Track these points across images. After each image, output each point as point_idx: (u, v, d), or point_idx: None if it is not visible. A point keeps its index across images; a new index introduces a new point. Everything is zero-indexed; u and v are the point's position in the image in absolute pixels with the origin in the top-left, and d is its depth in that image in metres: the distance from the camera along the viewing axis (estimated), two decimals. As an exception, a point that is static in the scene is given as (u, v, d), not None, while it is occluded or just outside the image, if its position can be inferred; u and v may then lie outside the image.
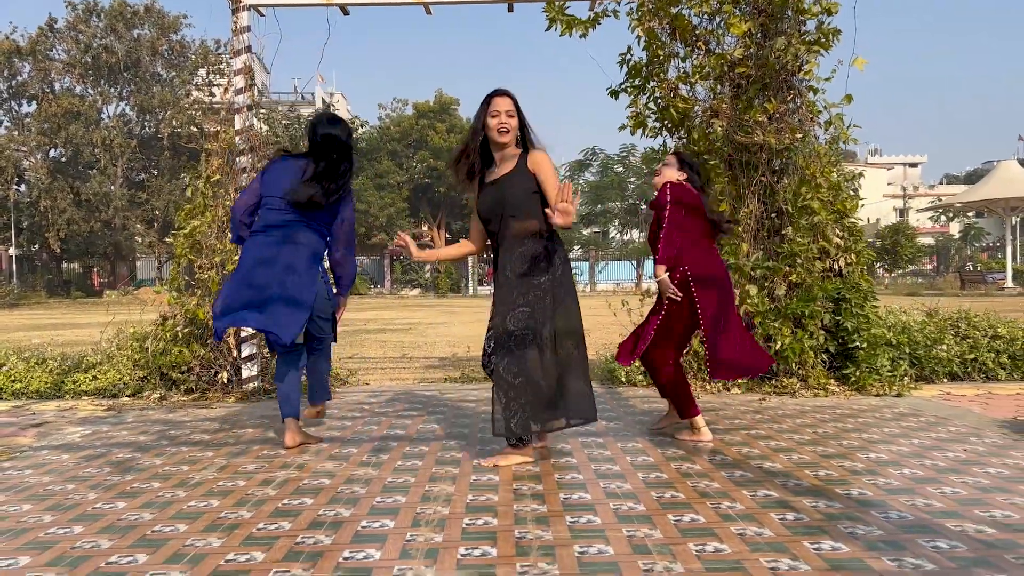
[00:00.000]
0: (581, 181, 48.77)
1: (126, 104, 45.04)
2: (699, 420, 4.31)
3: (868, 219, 55.60)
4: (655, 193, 4.39)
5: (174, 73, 45.23)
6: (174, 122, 43.30)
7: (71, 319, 21.17)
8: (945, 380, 6.52)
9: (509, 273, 3.84)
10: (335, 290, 4.47)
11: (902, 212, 72.95)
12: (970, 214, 56.24)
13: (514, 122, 3.88)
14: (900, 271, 48.91)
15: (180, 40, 44.77)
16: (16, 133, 43.23)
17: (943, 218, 66.25)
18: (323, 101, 55.93)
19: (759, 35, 6.27)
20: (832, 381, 6.01)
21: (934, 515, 2.91)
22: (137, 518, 3.03)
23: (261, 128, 7.40)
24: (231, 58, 6.43)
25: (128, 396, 6.17)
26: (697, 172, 4.48)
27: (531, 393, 3.73)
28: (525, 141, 3.95)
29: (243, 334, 6.23)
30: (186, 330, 6.20)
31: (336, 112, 50.76)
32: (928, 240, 63.83)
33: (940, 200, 57.93)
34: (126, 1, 42.82)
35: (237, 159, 6.39)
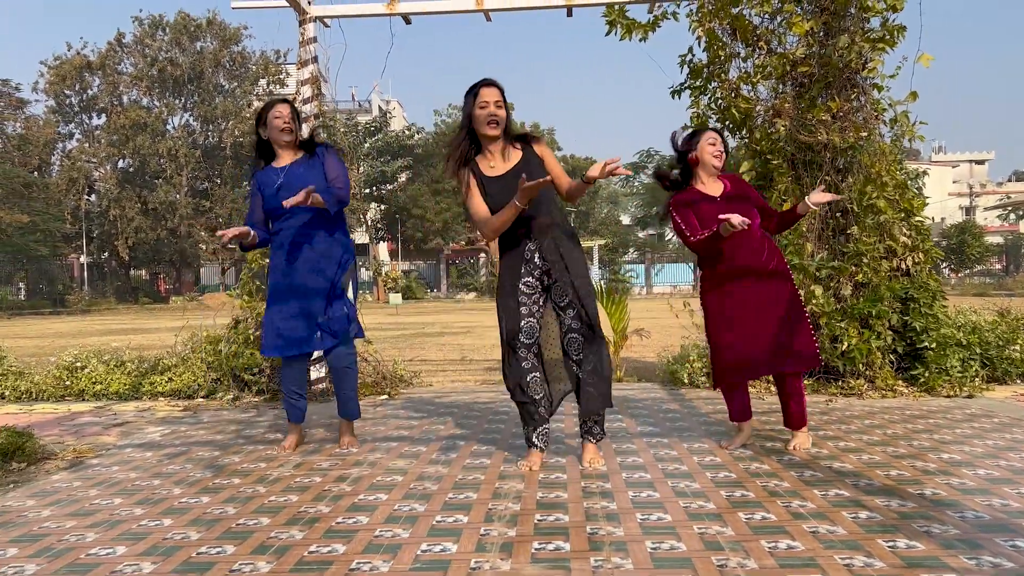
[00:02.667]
0: (637, 183, 48.55)
1: (190, 115, 46.34)
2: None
3: (933, 218, 54.17)
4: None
5: (236, 84, 46.38)
6: (236, 131, 44.38)
7: (140, 324, 21.85)
8: (1018, 381, 6.36)
9: (551, 259, 3.71)
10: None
11: (968, 211, 70.87)
12: (1041, 212, 54.40)
13: (503, 113, 3.71)
14: (967, 271, 47.58)
15: (241, 51, 45.91)
16: (87, 145, 44.82)
17: (1012, 216, 64.21)
18: (380, 108, 56.63)
19: (821, 33, 6.22)
20: (900, 382, 5.92)
21: (1011, 515, 2.87)
22: (222, 512, 3.16)
23: (323, 135, 7.58)
24: (298, 68, 6.61)
25: (202, 397, 6.38)
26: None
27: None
28: (509, 132, 3.82)
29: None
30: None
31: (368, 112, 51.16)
32: (996, 239, 61.90)
33: (1009, 197, 56.14)
34: (189, 15, 44.10)
35: (304, 166, 6.55)
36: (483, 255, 49.45)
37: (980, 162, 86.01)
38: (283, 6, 6.57)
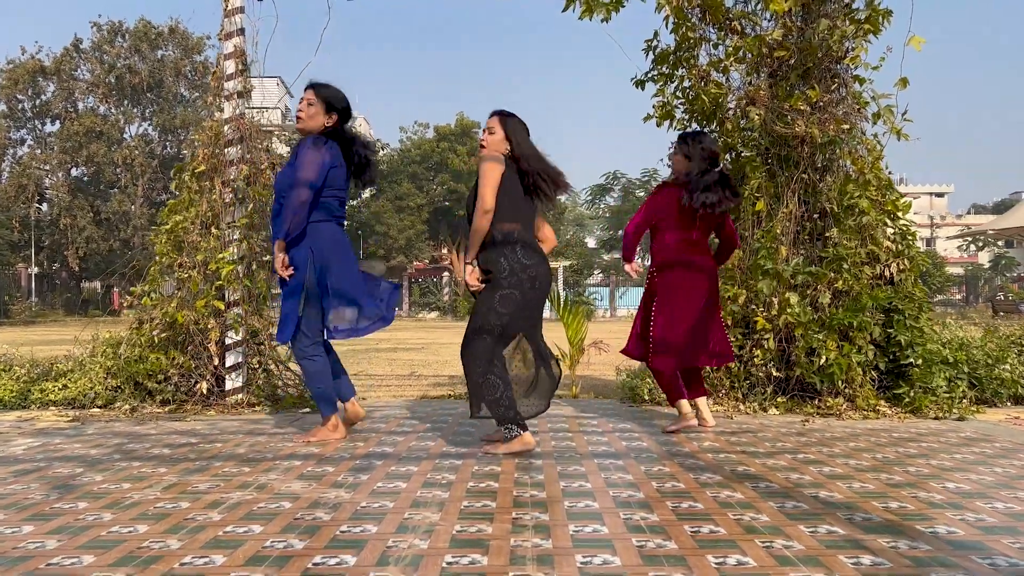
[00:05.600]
0: (602, 205, 48.19)
1: (148, 124, 45.08)
2: (683, 405, 4.53)
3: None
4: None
5: (197, 94, 45.26)
6: (196, 142, 43.23)
7: (85, 336, 20.72)
8: (1008, 403, 5.81)
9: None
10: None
11: (929, 241, 71.66)
12: (999, 243, 55.11)
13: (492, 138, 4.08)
14: (929, 300, 47.83)
15: (203, 61, 44.83)
16: (39, 152, 43.35)
17: (972, 247, 65.08)
18: (345, 124, 55.76)
19: (799, 19, 5.68)
20: (882, 402, 5.33)
21: (1055, 562, 2.24)
22: (38, 546, 2.42)
23: (279, 149, 6.88)
24: (220, 40, 5.91)
25: (99, 407, 5.58)
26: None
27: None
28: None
29: (228, 340, 5.65)
30: (164, 335, 5.61)
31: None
32: (957, 270, 62.53)
33: (969, 229, 56.75)
34: (151, 22, 43.03)
35: (226, 150, 5.85)
36: (446, 274, 48.70)
37: (940, 195, 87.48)
38: (207, -29, 5.87)
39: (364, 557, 2.30)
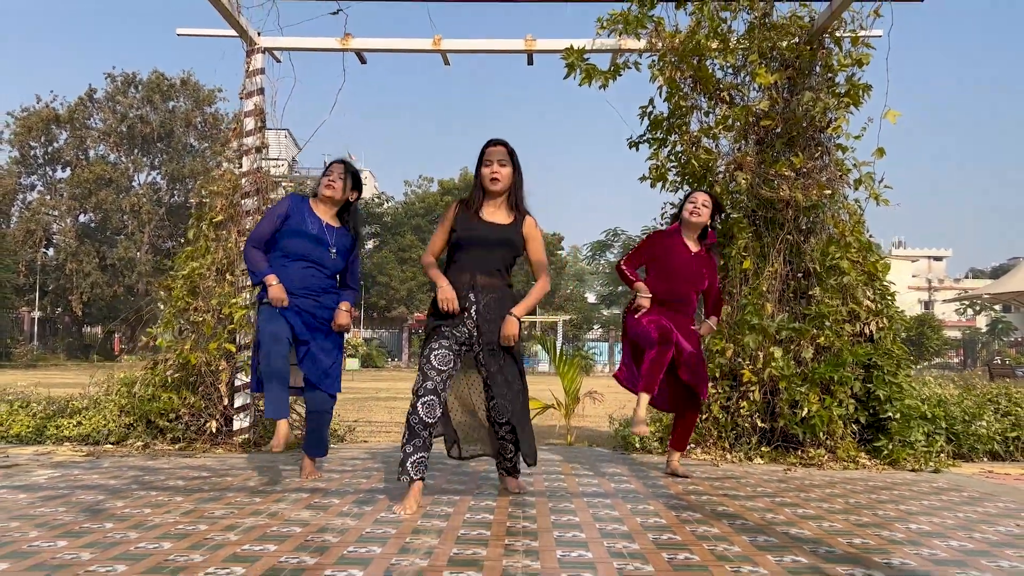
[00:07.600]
0: (602, 262, 48.67)
1: (157, 173, 45.79)
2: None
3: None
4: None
5: (206, 145, 46.06)
6: (203, 192, 43.83)
7: (85, 380, 20.93)
8: (985, 459, 6.04)
9: (483, 315, 3.90)
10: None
11: (927, 304, 72.01)
12: (997, 307, 55.44)
13: (506, 171, 3.96)
14: (926, 363, 47.93)
15: (214, 113, 45.75)
16: (48, 197, 43.98)
17: (970, 311, 65.35)
18: (350, 176, 56.60)
19: (785, 91, 6.07)
20: (862, 454, 5.57)
21: (992, 589, 2.49)
22: (74, 557, 2.67)
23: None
24: (241, 99, 6.29)
25: (112, 443, 5.83)
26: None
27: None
28: (517, 200, 4.04)
29: (237, 382, 5.91)
30: (177, 375, 5.89)
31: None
32: (954, 333, 62.75)
33: (966, 293, 57.15)
34: (164, 74, 44.03)
35: (243, 201, 6.19)
36: (446, 326, 48.87)
37: (938, 258, 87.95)
38: (231, 35, 6.28)
39: (371, 572, 2.55)
